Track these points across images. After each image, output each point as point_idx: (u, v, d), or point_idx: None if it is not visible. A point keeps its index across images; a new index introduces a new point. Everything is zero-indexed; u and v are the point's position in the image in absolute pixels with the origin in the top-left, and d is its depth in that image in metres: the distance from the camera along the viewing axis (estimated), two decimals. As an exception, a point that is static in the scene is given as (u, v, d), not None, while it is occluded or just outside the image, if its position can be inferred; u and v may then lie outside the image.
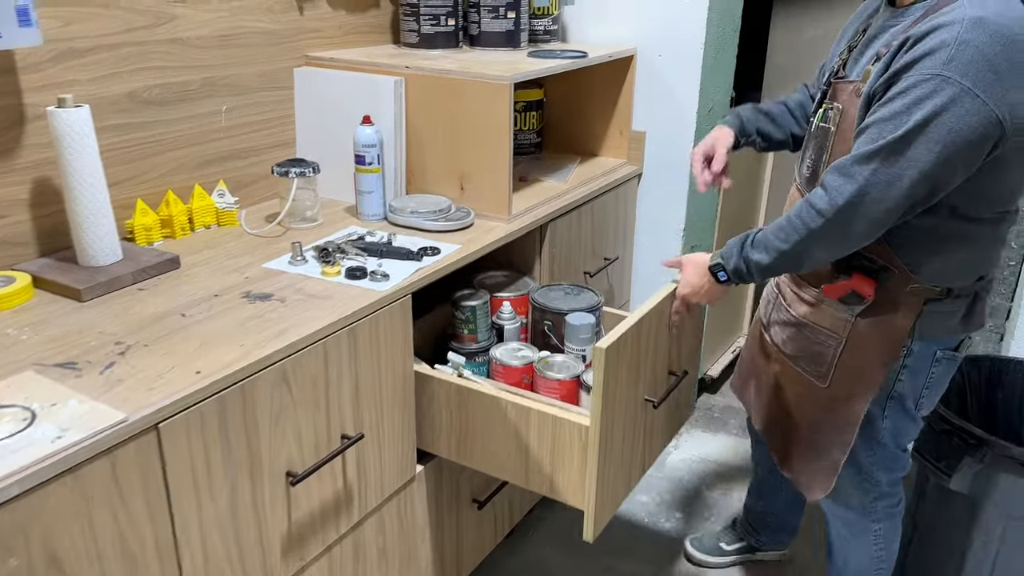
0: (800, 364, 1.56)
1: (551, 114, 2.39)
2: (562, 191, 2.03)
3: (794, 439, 1.63)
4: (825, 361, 1.50)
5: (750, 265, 1.39)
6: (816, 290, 1.49)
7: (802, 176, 1.52)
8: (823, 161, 1.42)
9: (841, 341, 1.47)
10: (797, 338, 1.55)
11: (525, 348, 1.70)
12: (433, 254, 1.61)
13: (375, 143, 1.75)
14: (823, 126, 1.43)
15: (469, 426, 1.54)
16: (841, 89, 1.39)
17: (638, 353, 1.45)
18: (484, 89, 1.74)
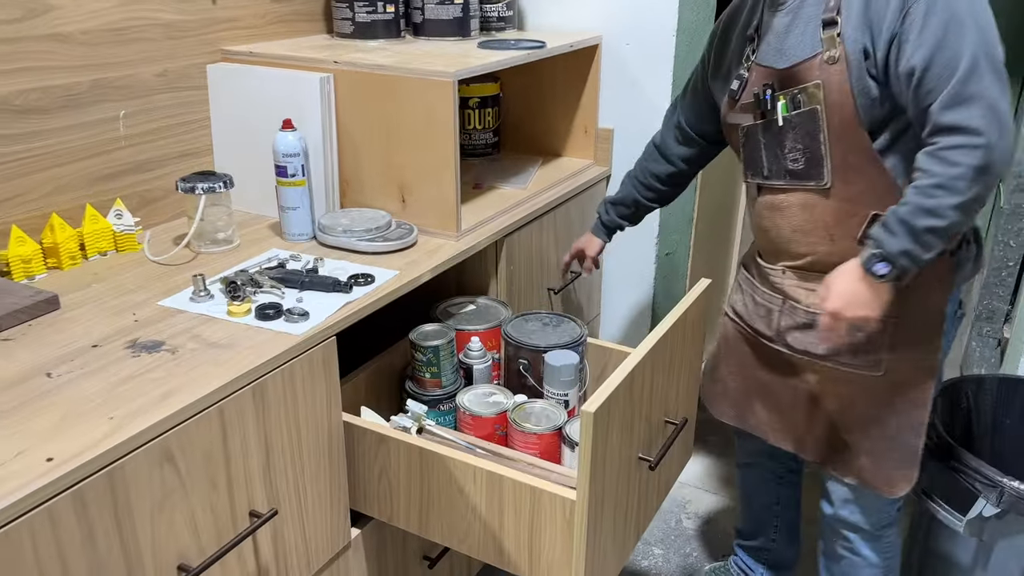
0: (842, 360, 1.41)
1: (509, 110, 2.15)
2: (521, 199, 1.79)
3: (855, 442, 1.46)
4: (874, 349, 1.37)
5: (920, 237, 1.19)
6: None
7: (781, 171, 1.37)
8: (823, 141, 1.29)
9: (887, 321, 1.33)
10: None
11: (498, 392, 1.47)
12: (365, 283, 1.37)
13: (298, 151, 1.50)
14: (801, 111, 1.31)
15: (431, 494, 1.30)
16: (804, 68, 1.29)
17: (631, 406, 1.23)
18: (423, 87, 1.49)
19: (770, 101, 1.35)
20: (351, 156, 1.63)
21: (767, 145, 1.38)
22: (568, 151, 2.12)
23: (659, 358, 1.31)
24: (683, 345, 1.44)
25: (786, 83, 1.32)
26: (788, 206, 1.38)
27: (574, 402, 1.47)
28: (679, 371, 1.43)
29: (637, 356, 1.23)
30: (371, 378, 1.50)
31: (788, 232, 1.40)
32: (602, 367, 1.61)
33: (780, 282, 1.47)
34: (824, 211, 1.34)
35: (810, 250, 1.39)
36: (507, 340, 1.52)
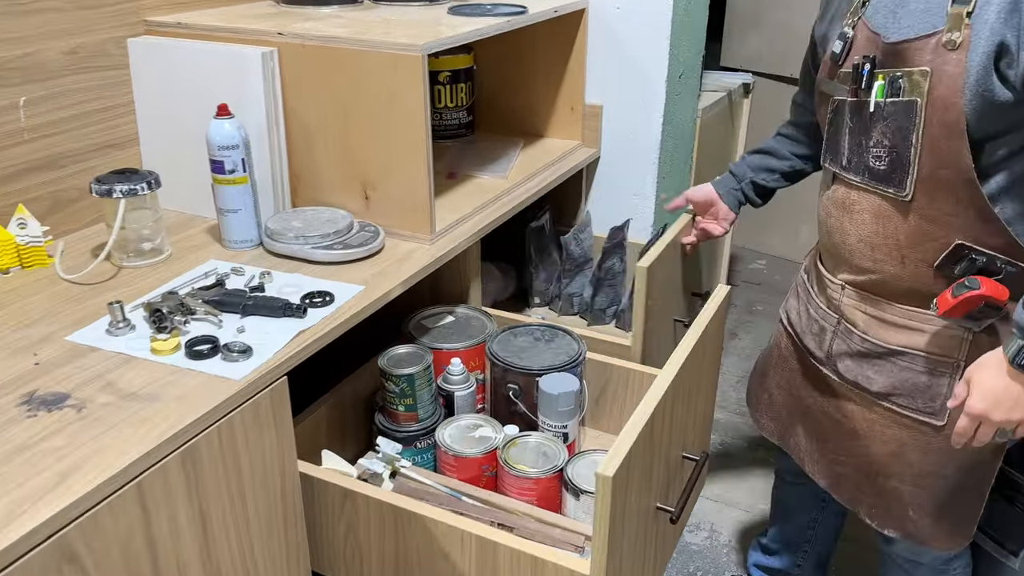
0: (898, 402, 1.21)
1: (485, 85, 1.90)
2: (502, 190, 1.56)
3: (903, 492, 1.26)
4: (940, 394, 1.17)
5: None
6: (915, 310, 1.16)
7: (861, 166, 1.15)
8: (913, 143, 1.06)
9: (957, 366, 1.14)
10: (889, 372, 1.20)
11: (484, 424, 1.25)
12: (323, 303, 1.14)
13: (237, 143, 1.25)
14: (897, 100, 1.07)
15: (408, 558, 1.09)
16: (915, 47, 1.04)
17: (650, 451, 1.02)
18: (387, 63, 1.25)
19: (866, 78, 1.11)
20: (303, 147, 1.38)
21: (852, 130, 1.16)
22: (552, 131, 1.88)
23: (680, 387, 1.10)
24: (702, 366, 1.23)
25: (890, 60, 1.08)
26: (860, 210, 1.17)
27: (575, 434, 1.25)
28: (697, 397, 1.23)
29: (656, 394, 1.02)
30: (333, 412, 1.27)
31: (854, 240, 1.19)
32: (602, 385, 1.40)
33: (838, 298, 1.26)
34: (899, 226, 1.12)
35: (876, 267, 1.17)
36: (493, 360, 1.30)
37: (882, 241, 1.15)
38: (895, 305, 1.18)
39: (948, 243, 1.09)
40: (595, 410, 1.43)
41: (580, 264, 1.78)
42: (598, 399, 1.41)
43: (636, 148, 1.83)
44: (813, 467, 1.39)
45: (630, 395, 1.39)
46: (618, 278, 1.74)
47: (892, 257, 1.15)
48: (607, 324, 1.77)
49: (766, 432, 1.50)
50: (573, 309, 1.81)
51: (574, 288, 1.78)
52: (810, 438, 1.38)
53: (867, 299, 1.21)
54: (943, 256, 1.10)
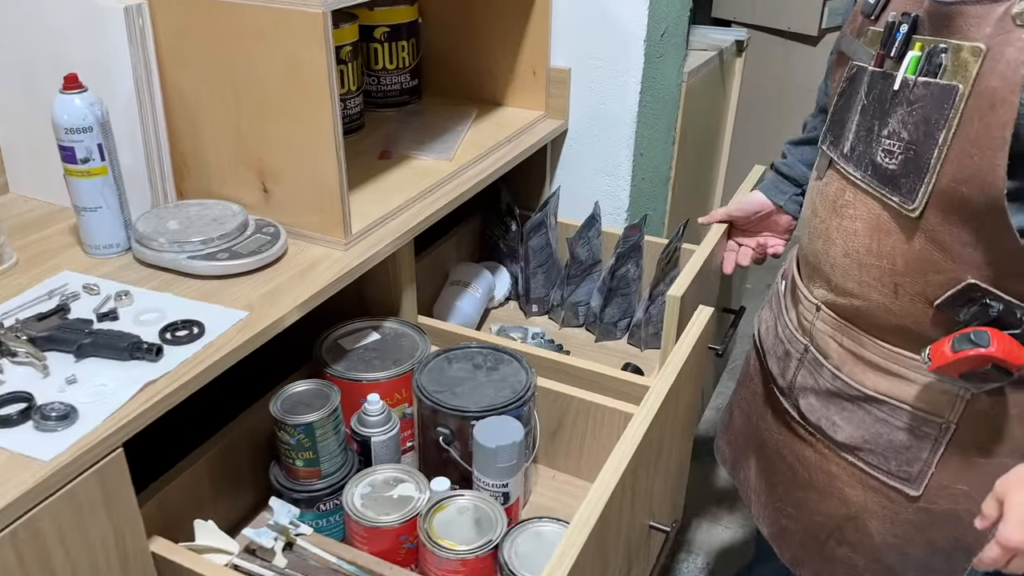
0: (866, 459, 0.99)
1: (435, 43, 1.62)
2: (446, 174, 1.29)
3: (856, 566, 1.04)
4: (918, 459, 0.94)
5: None
6: (902, 352, 0.92)
7: (865, 159, 0.89)
8: (938, 144, 0.80)
9: (947, 428, 0.92)
10: (861, 421, 0.98)
11: (407, 479, 1.00)
12: (189, 338, 0.88)
13: (90, 124, 0.98)
14: (932, 82, 0.80)
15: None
16: (974, 14, 0.77)
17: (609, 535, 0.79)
18: (281, 21, 0.97)
19: (899, 43, 0.84)
20: (187, 126, 1.11)
21: (865, 110, 0.89)
22: (511, 99, 1.60)
23: (645, 454, 0.86)
24: (676, 415, 0.99)
25: (935, 25, 0.82)
26: (852, 215, 0.92)
27: (518, 491, 1.01)
28: (668, 454, 0.99)
29: (616, 468, 0.78)
30: (218, 463, 1.02)
31: (839, 252, 0.94)
32: (558, 419, 1.16)
33: (811, 320, 1.02)
34: (899, 246, 0.87)
35: (861, 291, 0.93)
36: (420, 396, 1.05)
37: (874, 261, 0.90)
38: (878, 342, 0.93)
39: (958, 279, 0.84)
40: (551, 446, 1.19)
41: (587, 268, 1.51)
42: (554, 433, 1.17)
43: (609, 119, 1.56)
44: (759, 511, 1.17)
45: (593, 431, 1.14)
46: (633, 286, 1.46)
47: (883, 283, 0.90)
48: (618, 339, 1.50)
49: (718, 456, 1.29)
50: (578, 320, 1.53)
51: (580, 296, 1.51)
52: (760, 477, 1.16)
53: (845, 328, 0.96)
54: (949, 295, 0.84)
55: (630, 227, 1.47)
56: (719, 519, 1.91)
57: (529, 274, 1.53)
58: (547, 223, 1.50)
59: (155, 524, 0.93)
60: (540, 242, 1.50)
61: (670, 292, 1.06)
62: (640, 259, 1.46)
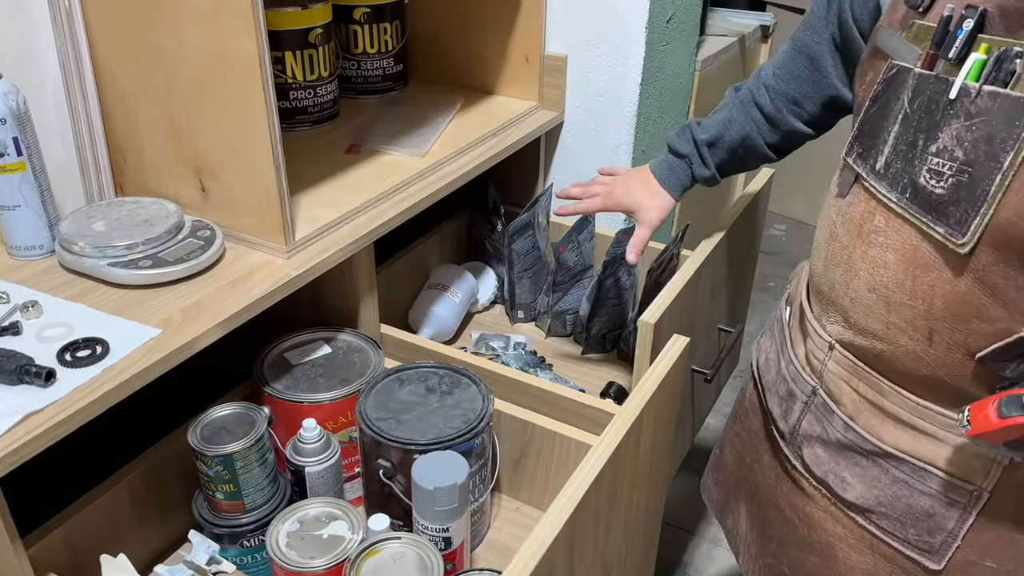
0: (880, 523, 0.85)
1: (423, 25, 1.50)
2: (416, 172, 1.18)
3: None
4: (943, 528, 0.81)
5: None
6: (933, 408, 0.77)
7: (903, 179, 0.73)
8: (1002, 168, 0.65)
9: (978, 496, 0.78)
10: (875, 479, 0.84)
11: (341, 516, 0.90)
12: (90, 359, 0.79)
13: (4, 115, 0.89)
14: (1001, 93, 0.65)
15: None
16: None
17: None
18: (202, 2, 0.87)
19: (962, 42, 0.69)
20: (122, 117, 1.02)
21: (908, 120, 0.73)
22: (502, 87, 1.49)
23: (585, 513, 0.75)
24: (641, 458, 0.88)
25: (1011, 24, 0.67)
26: (883, 244, 0.76)
27: (461, 537, 0.91)
28: (628, 503, 0.88)
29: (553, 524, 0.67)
30: (142, 488, 0.93)
31: (864, 286, 0.79)
32: (522, 447, 1.05)
33: (822, 360, 0.87)
34: (939, 286, 0.72)
35: (888, 335, 0.78)
36: (362, 424, 0.95)
37: (907, 300, 0.75)
38: (903, 392, 0.79)
39: (1009, 331, 0.70)
40: (515, 476, 1.08)
41: (577, 274, 1.40)
42: (518, 461, 1.07)
43: (608, 112, 1.44)
44: (749, 564, 1.04)
45: (558, 461, 1.04)
46: (625, 295, 1.34)
47: (917, 328, 0.75)
48: (607, 352, 1.39)
49: (705, 496, 1.15)
50: (565, 330, 1.42)
51: (568, 304, 1.39)
52: (752, 527, 1.02)
53: (863, 373, 0.82)
54: (996, 347, 0.70)
55: (624, 231, 1.35)
56: (719, 541, 1.79)
57: (514, 278, 1.42)
58: (535, 224, 1.39)
59: (60, 559, 0.85)
60: (526, 245, 1.39)
61: (642, 318, 0.95)
62: (633, 267, 1.34)
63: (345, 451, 1.02)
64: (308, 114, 1.31)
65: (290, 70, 1.26)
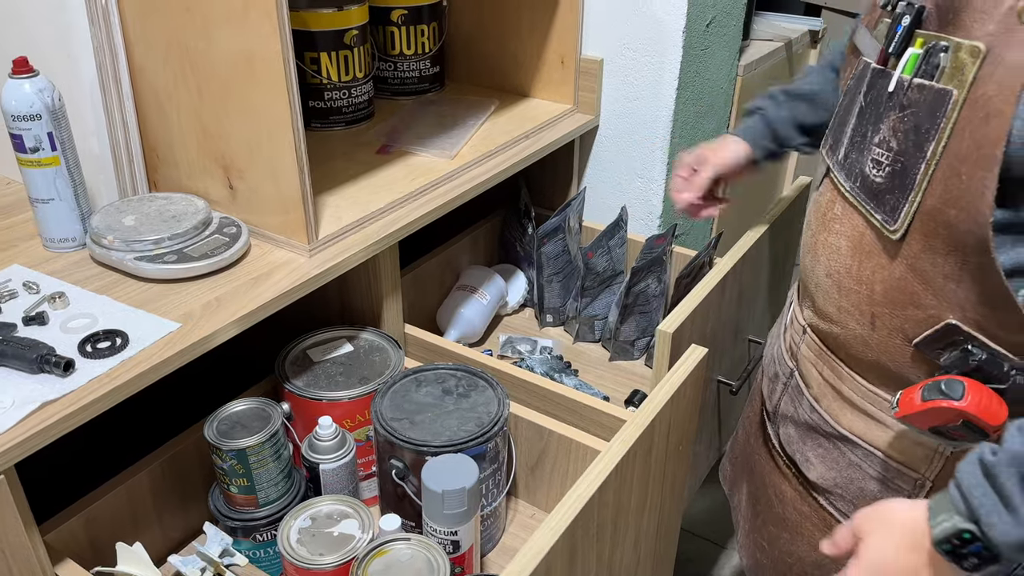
0: (836, 504, 0.89)
1: (461, 26, 1.51)
2: (443, 174, 1.19)
3: None
4: None
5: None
6: (879, 392, 0.81)
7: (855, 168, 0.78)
8: (926, 155, 0.69)
9: (922, 484, 0.81)
10: (834, 461, 0.88)
11: (353, 514, 0.91)
12: (109, 351, 0.81)
13: (39, 111, 0.92)
14: (927, 85, 0.69)
15: None
16: (972, 11, 0.66)
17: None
18: (230, 4, 0.88)
19: (900, 37, 0.73)
20: (156, 115, 1.04)
21: (862, 112, 0.78)
22: (538, 90, 1.48)
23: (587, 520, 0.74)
24: (654, 468, 0.86)
25: (942, 20, 0.70)
26: (838, 232, 0.81)
27: (470, 541, 0.91)
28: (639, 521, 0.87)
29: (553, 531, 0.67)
30: (162, 478, 0.95)
31: (822, 271, 0.84)
32: (539, 453, 1.05)
33: (797, 343, 0.92)
34: (877, 272, 0.76)
35: (839, 318, 0.82)
36: (376, 424, 0.95)
37: (853, 285, 0.79)
38: (856, 377, 0.83)
39: (938, 318, 0.72)
40: (531, 481, 1.08)
41: (607, 279, 1.39)
42: (534, 467, 1.06)
43: (643, 116, 1.42)
44: (743, 538, 1.08)
45: (574, 468, 1.03)
46: (653, 303, 1.32)
47: (861, 312, 0.79)
48: (635, 359, 1.37)
49: (721, 474, 1.19)
50: (594, 335, 1.41)
51: (597, 309, 1.39)
52: (748, 504, 1.06)
53: (825, 357, 0.86)
54: (927, 334, 0.73)
55: (656, 238, 1.34)
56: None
57: (543, 282, 1.41)
58: (565, 228, 1.38)
59: (78, 545, 0.88)
60: (556, 248, 1.38)
61: (660, 327, 0.93)
62: (663, 274, 1.32)
63: (362, 450, 1.03)
64: (342, 114, 1.32)
65: (325, 71, 1.27)
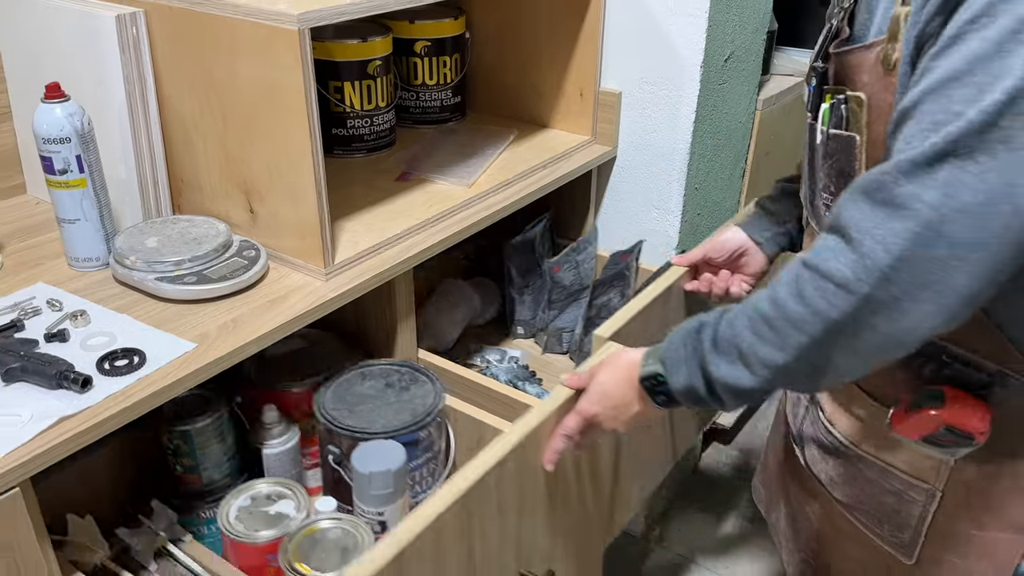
0: (862, 519, 0.91)
1: (483, 57, 1.54)
2: (460, 201, 1.21)
3: None
4: (909, 525, 0.87)
5: (715, 385, 0.73)
6: (877, 406, 0.84)
7: (816, 214, 0.86)
8: None
9: (933, 495, 0.84)
10: (851, 478, 0.90)
11: (289, 496, 0.97)
12: (127, 369, 0.83)
13: (68, 135, 0.96)
14: (840, 134, 0.77)
15: None
16: (853, 63, 0.74)
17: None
18: (260, 37, 0.91)
19: (812, 95, 0.81)
20: (182, 140, 1.07)
21: (811, 163, 0.85)
22: (556, 121, 1.50)
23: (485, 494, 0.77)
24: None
25: (838, 76, 0.78)
26: None
27: (396, 523, 0.94)
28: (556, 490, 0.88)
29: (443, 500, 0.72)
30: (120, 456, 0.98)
31: None
32: (474, 446, 1.08)
33: None
34: None
35: None
36: (318, 413, 1.00)
37: None
38: (863, 396, 0.85)
39: None
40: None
41: (574, 293, 1.42)
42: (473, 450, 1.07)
43: (660, 149, 1.44)
44: (787, 557, 1.10)
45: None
46: None
47: None
48: None
49: (755, 496, 1.20)
50: (562, 347, 1.45)
51: (565, 322, 1.42)
52: (788, 523, 1.08)
53: None
54: None
55: (621, 253, 1.39)
56: None
57: (514, 295, 1.44)
58: (536, 244, 1.40)
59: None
60: (526, 262, 1.41)
61: (596, 331, 0.96)
62: (626, 288, 1.35)
63: (312, 440, 1.08)
64: (364, 142, 1.35)
65: (348, 99, 1.30)
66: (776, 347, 0.66)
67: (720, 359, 0.71)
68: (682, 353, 0.74)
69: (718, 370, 0.71)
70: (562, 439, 0.82)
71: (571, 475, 0.93)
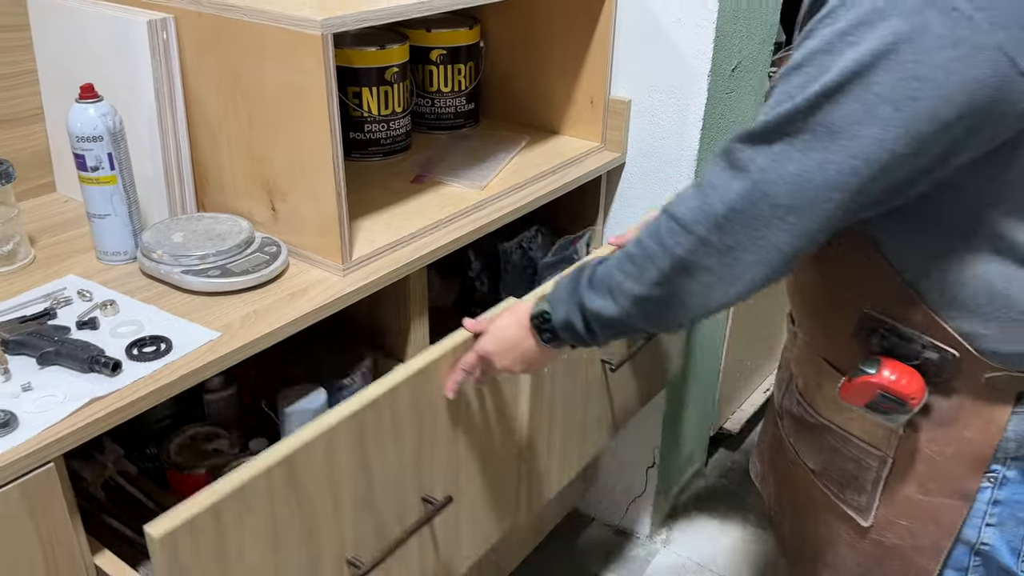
0: (828, 485, 0.98)
1: (497, 66, 1.58)
2: (472, 203, 1.25)
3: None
4: (865, 489, 0.94)
5: (588, 317, 0.82)
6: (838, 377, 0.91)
7: None
8: None
9: (885, 461, 0.91)
10: (819, 446, 0.98)
11: (225, 436, 1.11)
12: (154, 355, 0.88)
13: (100, 133, 1.00)
14: None
15: None
16: None
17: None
18: (285, 42, 0.96)
19: None
20: (207, 140, 1.12)
21: None
22: (567, 127, 1.54)
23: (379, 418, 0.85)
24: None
25: None
26: None
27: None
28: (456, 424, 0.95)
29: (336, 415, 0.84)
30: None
31: (793, 284, 0.98)
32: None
33: (790, 345, 1.05)
34: (817, 279, 0.92)
35: (800, 324, 0.99)
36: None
37: (810, 294, 0.94)
38: (832, 371, 0.93)
39: (860, 309, 0.86)
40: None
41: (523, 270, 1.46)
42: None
43: (668, 156, 1.47)
44: (775, 528, 1.16)
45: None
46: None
47: (814, 316, 0.95)
48: None
49: (751, 471, 1.24)
50: None
51: None
52: (775, 495, 1.14)
53: (806, 354, 0.99)
54: (855, 326, 0.86)
55: (572, 239, 1.42)
56: None
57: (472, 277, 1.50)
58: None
59: None
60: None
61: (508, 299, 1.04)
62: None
63: None
64: (381, 145, 1.39)
65: (366, 104, 1.35)
66: (635, 279, 0.76)
67: (593, 294, 0.80)
68: (565, 293, 0.84)
69: (591, 303, 0.80)
70: (460, 372, 0.92)
71: (476, 410, 1.00)
